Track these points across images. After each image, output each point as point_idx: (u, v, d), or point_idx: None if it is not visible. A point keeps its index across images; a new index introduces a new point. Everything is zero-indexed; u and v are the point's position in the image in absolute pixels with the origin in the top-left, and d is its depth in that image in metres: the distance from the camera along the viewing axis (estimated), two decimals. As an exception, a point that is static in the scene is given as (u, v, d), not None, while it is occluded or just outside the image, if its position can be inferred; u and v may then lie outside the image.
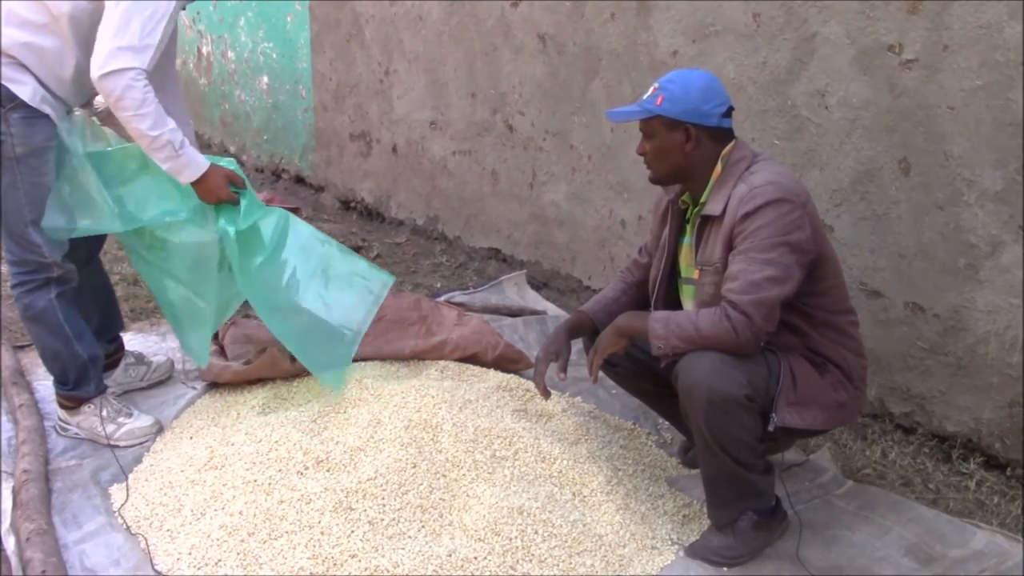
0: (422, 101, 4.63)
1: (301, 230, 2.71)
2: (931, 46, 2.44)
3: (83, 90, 2.47)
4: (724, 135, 2.13)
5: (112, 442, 2.56)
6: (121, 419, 2.61)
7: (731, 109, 2.13)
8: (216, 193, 2.47)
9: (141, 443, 2.59)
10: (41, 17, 2.32)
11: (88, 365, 2.58)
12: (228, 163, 2.54)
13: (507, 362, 3.03)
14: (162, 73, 2.52)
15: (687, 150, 2.11)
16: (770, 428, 2.03)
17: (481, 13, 4.07)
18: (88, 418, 2.60)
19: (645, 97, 2.15)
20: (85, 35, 2.34)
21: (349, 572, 1.95)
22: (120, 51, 2.25)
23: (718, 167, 2.12)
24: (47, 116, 2.37)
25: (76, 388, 2.59)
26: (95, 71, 2.26)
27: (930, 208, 2.53)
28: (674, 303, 2.31)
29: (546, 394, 2.35)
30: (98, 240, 2.78)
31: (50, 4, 2.32)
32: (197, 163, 2.42)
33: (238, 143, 6.66)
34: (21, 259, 2.44)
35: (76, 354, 2.54)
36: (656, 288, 2.31)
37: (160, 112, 2.32)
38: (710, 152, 2.12)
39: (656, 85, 2.14)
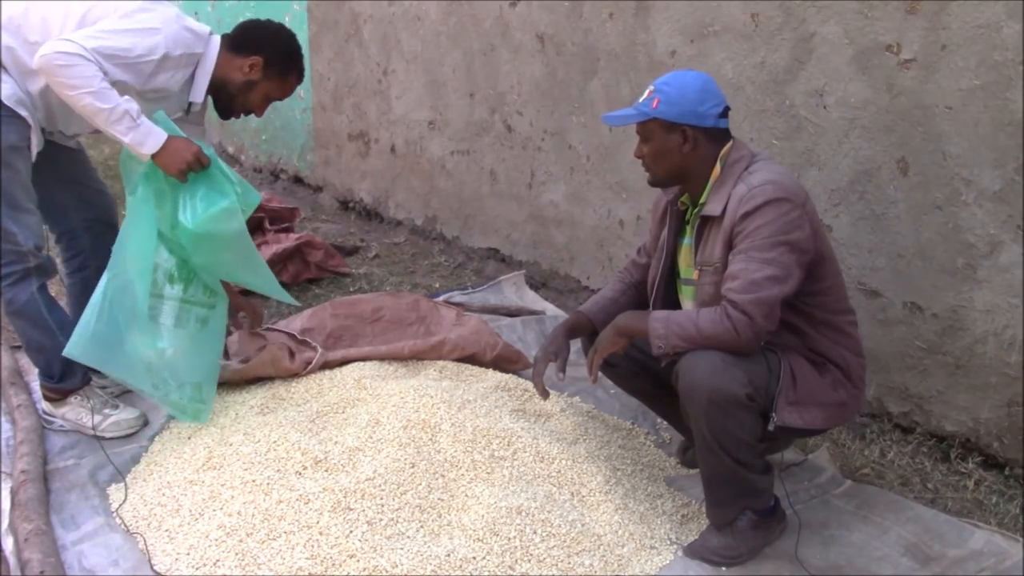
0: (420, 101, 4.63)
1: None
2: (929, 46, 2.44)
3: (50, 115, 2.48)
4: (721, 135, 2.13)
5: (98, 433, 2.58)
6: (107, 411, 2.63)
7: (727, 109, 2.13)
8: (180, 159, 2.39)
9: (127, 434, 2.62)
10: (34, 35, 2.34)
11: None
12: (202, 146, 2.47)
13: (505, 362, 3.02)
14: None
15: (685, 152, 2.11)
16: (770, 428, 2.03)
17: (479, 13, 4.07)
18: (73, 409, 2.62)
19: (641, 100, 2.14)
20: None
21: (348, 572, 1.95)
22: (67, 41, 2.22)
23: (716, 168, 2.12)
24: (22, 117, 2.37)
25: (62, 380, 2.61)
26: (36, 57, 2.23)
27: (928, 208, 2.53)
28: (673, 304, 2.31)
29: (544, 394, 2.35)
30: (104, 232, 2.77)
31: (46, 15, 2.34)
32: (157, 133, 2.38)
33: (236, 143, 6.66)
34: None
35: (61, 346, 2.55)
36: (655, 289, 2.31)
37: (109, 87, 2.29)
38: (708, 153, 2.12)
39: (651, 87, 2.14)
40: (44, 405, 2.66)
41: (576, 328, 2.42)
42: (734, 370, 1.96)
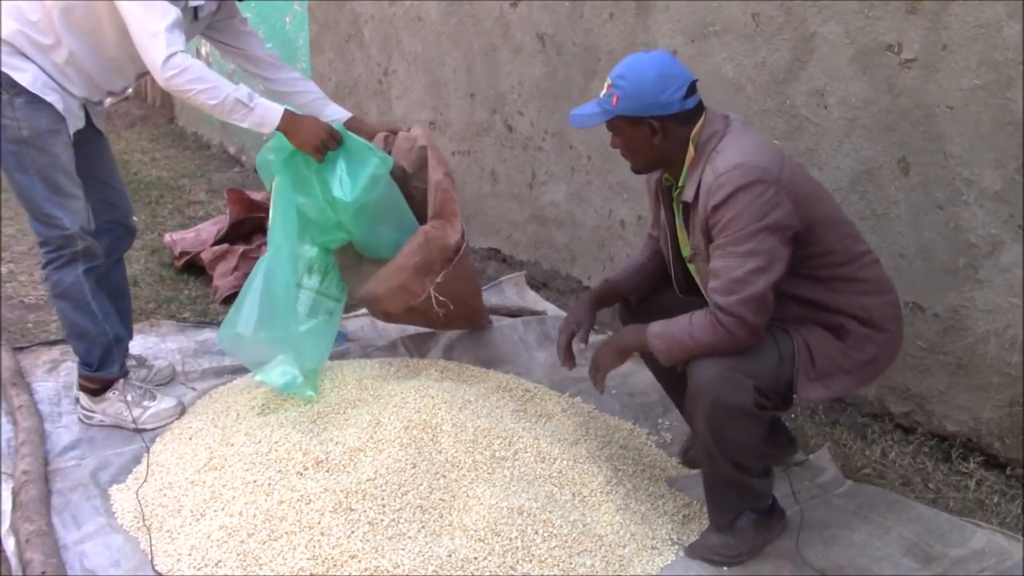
0: (421, 101, 4.63)
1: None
2: (930, 45, 2.44)
3: (88, 83, 2.49)
4: (690, 116, 2.03)
5: (139, 426, 2.60)
6: (146, 402, 2.66)
7: (694, 84, 2.03)
8: (313, 136, 2.49)
9: (167, 424, 2.66)
10: (35, 14, 2.36)
11: (113, 344, 2.62)
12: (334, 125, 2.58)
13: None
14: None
15: (656, 143, 2.03)
16: (793, 405, 1.95)
17: (480, 13, 4.07)
18: (113, 404, 2.64)
19: (601, 95, 2.05)
20: (79, 27, 2.38)
21: (349, 572, 1.95)
22: (153, 44, 2.29)
23: (691, 149, 2.04)
24: (49, 103, 2.39)
25: (100, 369, 2.62)
26: (160, 81, 2.34)
27: (929, 208, 2.53)
28: (691, 277, 2.24)
29: (570, 362, 2.31)
30: (123, 236, 2.80)
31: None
32: (273, 110, 2.45)
33: (238, 144, 6.66)
34: (46, 237, 2.49)
35: (103, 332, 2.58)
36: (671, 266, 2.25)
37: (216, 78, 2.39)
38: (680, 137, 2.03)
39: (609, 81, 2.04)
40: (83, 400, 2.66)
41: (602, 298, 2.37)
42: (739, 377, 1.92)
